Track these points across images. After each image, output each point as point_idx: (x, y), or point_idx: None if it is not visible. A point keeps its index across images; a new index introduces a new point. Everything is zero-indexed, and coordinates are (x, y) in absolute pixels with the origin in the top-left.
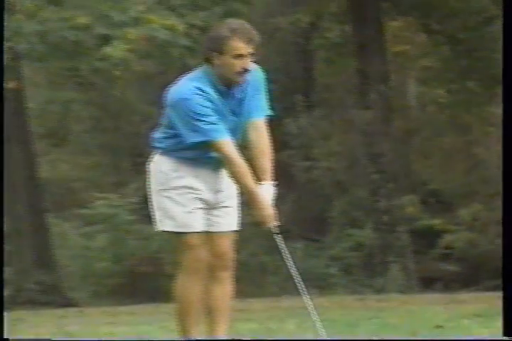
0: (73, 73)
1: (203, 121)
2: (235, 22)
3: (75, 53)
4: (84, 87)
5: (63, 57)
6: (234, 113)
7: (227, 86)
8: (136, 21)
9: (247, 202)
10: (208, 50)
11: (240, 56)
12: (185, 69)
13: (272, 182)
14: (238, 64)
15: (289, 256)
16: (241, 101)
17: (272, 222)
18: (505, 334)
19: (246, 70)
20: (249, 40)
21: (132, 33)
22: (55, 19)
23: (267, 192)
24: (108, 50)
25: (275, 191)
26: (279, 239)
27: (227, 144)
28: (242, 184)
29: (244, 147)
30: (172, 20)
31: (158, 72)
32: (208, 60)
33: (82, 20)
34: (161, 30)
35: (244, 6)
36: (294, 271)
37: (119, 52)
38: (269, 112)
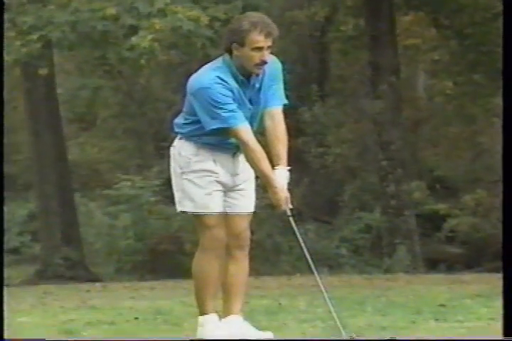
0: (101, 61)
1: (223, 109)
2: (255, 15)
3: (104, 42)
4: (111, 75)
5: (92, 46)
6: (252, 102)
7: (245, 76)
8: (162, 12)
9: (263, 185)
10: (229, 42)
11: (259, 49)
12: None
13: (287, 167)
14: (257, 56)
15: (301, 237)
16: (259, 91)
17: (287, 205)
18: (505, 334)
19: (264, 62)
20: (268, 34)
21: (158, 23)
22: (85, 10)
23: (281, 177)
24: (135, 39)
25: (289, 176)
26: (292, 221)
27: (245, 131)
28: (258, 169)
29: (261, 134)
30: (196, 12)
31: (182, 61)
32: (228, 51)
33: (111, 11)
34: (186, 21)
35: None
36: (305, 251)
37: (145, 41)
38: (285, 101)
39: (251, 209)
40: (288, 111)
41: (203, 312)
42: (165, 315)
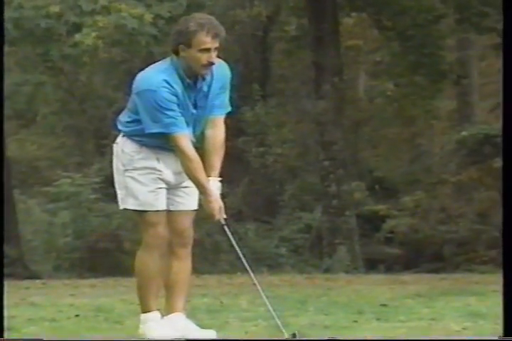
0: (44, 58)
1: (165, 114)
2: (202, 17)
3: (47, 39)
4: (53, 72)
5: (35, 43)
6: (196, 106)
7: (192, 78)
8: (106, 10)
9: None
10: (176, 43)
11: (206, 50)
12: (151, 56)
13: (219, 178)
14: (204, 57)
15: (237, 245)
16: (206, 95)
17: (221, 215)
18: (505, 334)
19: (211, 63)
20: (215, 35)
21: (101, 21)
22: (29, 7)
23: (214, 187)
24: (78, 37)
25: (221, 187)
26: (227, 230)
27: (184, 138)
28: (194, 178)
29: (200, 141)
30: (140, 10)
31: (124, 59)
32: (175, 52)
33: (55, 9)
34: (129, 18)
35: None
36: (244, 260)
37: (89, 39)
38: (229, 109)
39: (194, 206)
40: (230, 110)
41: (145, 310)
42: (106, 313)
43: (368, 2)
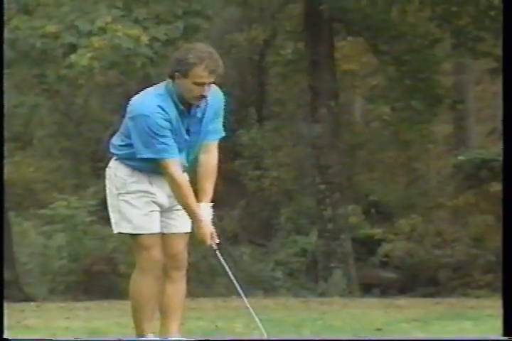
0: (40, 80)
1: (158, 140)
2: (204, 49)
3: (43, 60)
4: (49, 94)
5: (31, 65)
6: (190, 132)
7: (186, 105)
8: (102, 31)
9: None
10: (173, 70)
11: (201, 84)
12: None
13: (210, 204)
14: (197, 90)
15: (229, 270)
16: (200, 121)
17: (212, 240)
18: (505, 334)
19: (203, 96)
20: (212, 71)
21: (97, 41)
22: (25, 28)
23: (206, 212)
24: (74, 57)
25: (212, 212)
26: (219, 255)
27: (173, 165)
28: (185, 204)
29: (193, 166)
30: (136, 31)
31: (120, 82)
32: (171, 77)
33: (51, 29)
34: (126, 39)
35: (204, 21)
36: (237, 285)
37: (84, 59)
38: (223, 134)
39: (188, 229)
40: (226, 134)
41: (140, 333)
42: (101, 336)
43: (364, 27)
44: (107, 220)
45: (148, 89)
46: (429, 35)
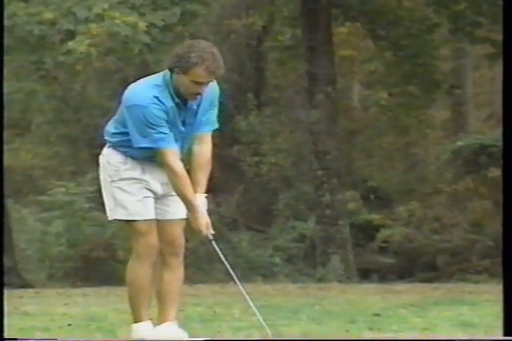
0: (37, 66)
1: (155, 129)
2: (207, 49)
3: (40, 47)
4: (47, 80)
5: (28, 51)
6: (185, 124)
7: (182, 98)
8: (100, 18)
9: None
10: (173, 64)
11: (199, 83)
12: (144, 65)
13: (205, 194)
14: (194, 88)
15: (225, 260)
16: (195, 113)
17: (208, 231)
18: (505, 334)
19: (199, 94)
20: (212, 72)
21: (95, 28)
22: (22, 14)
23: (201, 203)
24: (71, 44)
25: (207, 202)
26: (215, 245)
27: (172, 154)
28: (182, 194)
29: (187, 157)
30: (133, 18)
31: (118, 68)
32: (170, 70)
33: (48, 15)
34: (123, 26)
35: (202, 7)
36: (233, 273)
37: (82, 46)
38: (216, 126)
39: (183, 215)
40: (224, 120)
41: (137, 320)
42: (99, 322)
43: (362, 12)
44: (104, 206)
45: (146, 78)
46: (427, 20)
